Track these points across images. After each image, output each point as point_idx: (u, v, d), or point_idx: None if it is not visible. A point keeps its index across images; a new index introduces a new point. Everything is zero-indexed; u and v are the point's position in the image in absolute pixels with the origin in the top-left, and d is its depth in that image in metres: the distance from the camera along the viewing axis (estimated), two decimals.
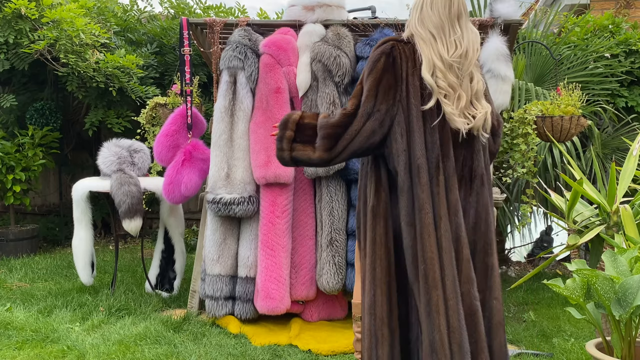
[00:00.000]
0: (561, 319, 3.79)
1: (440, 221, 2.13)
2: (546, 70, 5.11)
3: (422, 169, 2.13)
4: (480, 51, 2.22)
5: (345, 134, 2.15)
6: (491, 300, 2.19)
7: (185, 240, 5.09)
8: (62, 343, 3.19)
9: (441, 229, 2.12)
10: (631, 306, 2.17)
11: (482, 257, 2.21)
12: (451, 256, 2.10)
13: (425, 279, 2.08)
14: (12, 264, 5.04)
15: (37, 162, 5.47)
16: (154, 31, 5.94)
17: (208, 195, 3.56)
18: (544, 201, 4.95)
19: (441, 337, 2.05)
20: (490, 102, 2.31)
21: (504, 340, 2.19)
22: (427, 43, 2.15)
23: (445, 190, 2.15)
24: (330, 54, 3.48)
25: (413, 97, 2.13)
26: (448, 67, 2.13)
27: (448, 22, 2.17)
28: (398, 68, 2.14)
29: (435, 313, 2.06)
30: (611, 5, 6.81)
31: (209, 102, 5.46)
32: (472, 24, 2.24)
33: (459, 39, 2.16)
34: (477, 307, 2.12)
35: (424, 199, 2.13)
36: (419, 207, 2.13)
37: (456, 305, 2.07)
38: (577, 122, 3.80)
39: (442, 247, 2.11)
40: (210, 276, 3.58)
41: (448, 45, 2.16)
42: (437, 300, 2.06)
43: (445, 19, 2.17)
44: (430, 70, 2.13)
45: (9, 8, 4.69)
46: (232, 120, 3.55)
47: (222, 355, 3.09)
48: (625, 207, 2.78)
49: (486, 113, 2.19)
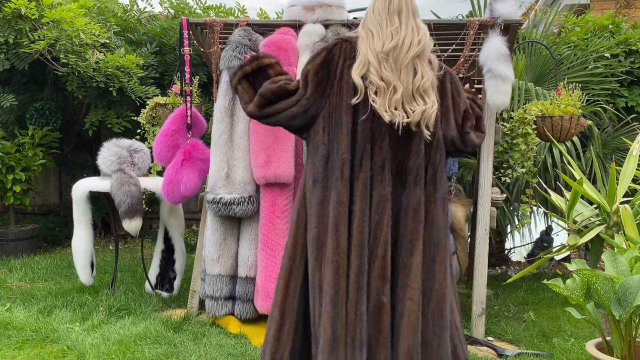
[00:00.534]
0: (561, 319, 3.79)
1: (355, 216, 2.16)
2: (546, 70, 5.11)
3: (345, 164, 2.18)
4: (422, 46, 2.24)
5: (276, 104, 2.29)
6: (405, 300, 2.15)
7: (185, 240, 5.09)
8: (62, 343, 3.19)
9: (354, 223, 2.15)
10: (631, 306, 2.17)
11: (404, 256, 2.19)
12: (361, 252, 2.13)
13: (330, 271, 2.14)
14: (12, 264, 5.04)
15: (37, 162, 5.47)
16: (154, 31, 5.94)
17: (208, 195, 3.56)
18: (544, 201, 4.95)
19: (336, 329, 2.11)
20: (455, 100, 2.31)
21: (414, 344, 2.13)
22: (364, 40, 2.23)
23: (368, 186, 2.18)
24: None
25: (345, 93, 2.21)
26: (383, 60, 2.19)
27: (387, 18, 2.24)
28: (334, 65, 2.24)
29: (333, 305, 2.11)
30: (611, 5, 6.82)
31: (209, 102, 5.46)
32: (420, 21, 2.29)
33: (395, 30, 2.22)
34: (384, 303, 2.13)
35: (344, 193, 2.18)
36: (338, 201, 2.17)
37: (356, 299, 2.11)
38: (577, 122, 3.80)
39: (352, 242, 2.15)
40: (210, 276, 3.58)
41: (384, 38, 2.21)
42: (337, 293, 2.12)
43: (384, 15, 2.24)
44: (363, 66, 2.19)
45: (9, 8, 4.69)
46: (232, 120, 3.55)
47: (222, 355, 3.09)
48: (625, 207, 2.78)
49: (427, 109, 2.19)
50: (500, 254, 5.40)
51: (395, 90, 2.18)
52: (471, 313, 3.49)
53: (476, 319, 3.44)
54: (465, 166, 5.13)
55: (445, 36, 3.59)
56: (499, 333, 3.52)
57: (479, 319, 3.44)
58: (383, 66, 2.18)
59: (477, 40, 3.42)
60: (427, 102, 2.21)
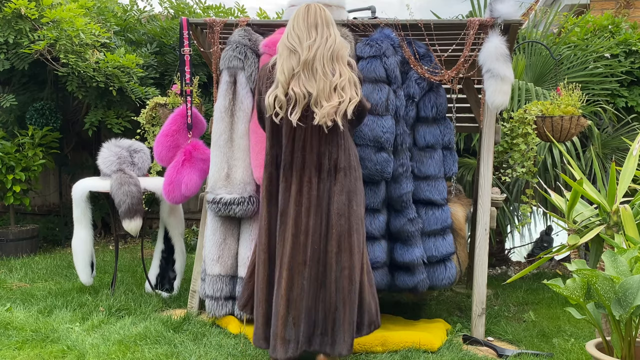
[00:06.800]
0: (561, 319, 3.79)
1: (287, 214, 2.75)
2: (546, 70, 5.11)
3: (278, 166, 2.82)
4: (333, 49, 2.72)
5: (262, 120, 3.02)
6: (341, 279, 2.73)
7: (185, 240, 5.09)
8: (62, 343, 3.19)
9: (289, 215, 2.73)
10: (631, 306, 2.18)
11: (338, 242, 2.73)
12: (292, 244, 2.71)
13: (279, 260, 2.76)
14: (12, 264, 5.04)
15: (37, 162, 5.47)
16: (153, 31, 5.94)
17: (208, 196, 3.56)
18: (544, 201, 4.95)
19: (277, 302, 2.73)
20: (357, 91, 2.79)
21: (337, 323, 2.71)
22: (281, 58, 2.75)
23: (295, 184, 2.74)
24: None
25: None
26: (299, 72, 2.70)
27: (306, 32, 2.73)
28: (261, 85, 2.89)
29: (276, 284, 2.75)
30: (611, 5, 6.82)
31: (209, 102, 5.46)
32: (334, 29, 2.77)
33: (312, 42, 2.71)
34: (303, 286, 2.71)
35: (280, 192, 2.79)
36: (275, 201, 2.83)
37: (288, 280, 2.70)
38: (577, 122, 3.80)
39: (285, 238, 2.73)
40: (210, 276, 3.58)
41: (302, 51, 2.70)
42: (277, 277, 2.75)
43: (304, 30, 2.74)
44: (275, 87, 2.74)
45: (9, 8, 4.69)
46: (232, 120, 3.55)
47: (222, 355, 3.09)
48: (625, 207, 2.79)
49: (340, 103, 2.69)
50: (500, 254, 5.40)
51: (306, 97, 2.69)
52: (471, 313, 3.49)
53: (476, 319, 3.44)
54: (465, 166, 5.13)
55: (445, 36, 3.59)
56: (499, 333, 3.52)
57: (479, 319, 3.44)
58: (300, 76, 2.70)
59: (477, 40, 3.41)
60: (344, 97, 2.70)
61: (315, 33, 2.72)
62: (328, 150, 2.73)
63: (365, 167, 3.25)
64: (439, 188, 3.51)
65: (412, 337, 3.21)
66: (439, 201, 3.50)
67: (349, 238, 2.74)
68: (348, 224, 2.74)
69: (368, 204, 3.32)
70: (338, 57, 2.73)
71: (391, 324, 3.54)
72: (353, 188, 2.78)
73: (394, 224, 3.43)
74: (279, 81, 2.71)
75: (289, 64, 2.71)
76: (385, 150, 3.30)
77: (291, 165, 2.76)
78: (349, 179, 2.76)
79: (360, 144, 3.27)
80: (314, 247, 2.73)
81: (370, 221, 3.34)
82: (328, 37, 2.73)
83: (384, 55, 3.36)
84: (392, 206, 3.44)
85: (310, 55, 2.69)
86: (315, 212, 2.73)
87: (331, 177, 2.74)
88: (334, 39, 2.74)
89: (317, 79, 2.68)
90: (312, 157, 2.73)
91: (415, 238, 3.40)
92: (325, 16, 2.77)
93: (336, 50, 2.73)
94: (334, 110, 2.67)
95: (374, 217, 3.37)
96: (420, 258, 3.39)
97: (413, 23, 3.46)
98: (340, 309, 2.71)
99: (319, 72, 2.68)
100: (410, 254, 3.38)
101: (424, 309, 4.05)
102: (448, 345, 3.25)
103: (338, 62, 2.73)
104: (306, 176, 2.73)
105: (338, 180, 2.74)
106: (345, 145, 2.78)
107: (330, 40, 2.72)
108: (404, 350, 3.14)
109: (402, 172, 3.39)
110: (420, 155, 3.51)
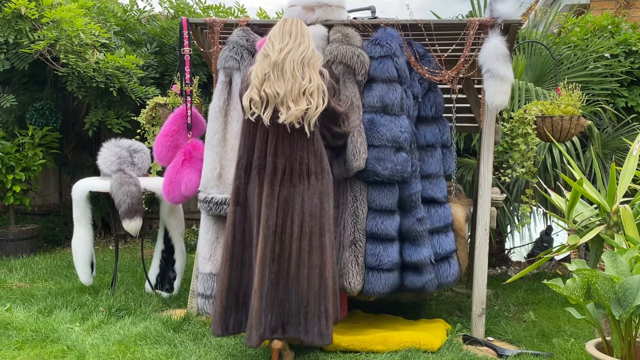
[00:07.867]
0: (561, 319, 3.79)
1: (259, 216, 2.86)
2: (546, 70, 5.11)
3: (251, 167, 2.94)
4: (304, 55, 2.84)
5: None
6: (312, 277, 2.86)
7: (185, 240, 5.09)
8: (62, 343, 3.19)
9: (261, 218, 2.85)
10: (631, 306, 2.18)
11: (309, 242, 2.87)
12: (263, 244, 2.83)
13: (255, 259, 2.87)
14: (12, 264, 5.04)
15: (37, 162, 5.47)
16: (153, 31, 5.94)
17: (200, 194, 3.55)
18: (544, 201, 4.95)
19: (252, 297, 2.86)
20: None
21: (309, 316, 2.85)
22: (256, 64, 2.89)
23: (267, 186, 2.85)
24: (353, 53, 3.35)
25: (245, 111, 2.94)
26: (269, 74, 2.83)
27: (280, 37, 2.88)
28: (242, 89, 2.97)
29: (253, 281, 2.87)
30: (611, 5, 6.82)
31: (209, 102, 5.43)
32: (309, 39, 2.91)
33: (285, 45, 2.85)
34: (272, 281, 2.85)
35: (253, 194, 2.91)
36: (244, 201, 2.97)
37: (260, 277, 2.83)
38: (577, 122, 3.80)
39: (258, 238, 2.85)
40: (202, 274, 3.56)
41: (274, 53, 2.84)
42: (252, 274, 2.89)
43: (279, 36, 2.89)
44: (250, 90, 2.87)
45: (9, 8, 4.69)
46: (226, 120, 3.54)
47: (222, 355, 3.09)
48: (625, 207, 2.79)
49: (308, 108, 2.81)
50: (500, 254, 5.40)
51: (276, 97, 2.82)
52: (471, 313, 3.49)
53: (476, 319, 3.44)
54: (465, 166, 5.13)
55: (445, 36, 3.59)
56: (499, 333, 3.52)
57: (479, 319, 3.44)
58: (271, 79, 2.83)
59: (477, 40, 3.41)
60: (312, 103, 2.82)
61: (289, 38, 2.87)
62: (299, 155, 2.87)
63: (386, 167, 3.23)
64: (440, 186, 3.51)
65: (412, 337, 3.21)
66: (441, 199, 3.50)
67: (320, 238, 2.89)
68: (319, 225, 2.89)
69: (386, 206, 3.30)
70: (310, 64, 2.86)
71: (391, 323, 3.54)
72: (325, 190, 2.93)
73: (403, 224, 3.39)
74: (253, 84, 2.86)
75: (261, 67, 2.86)
76: (404, 150, 3.29)
77: (264, 168, 2.89)
78: (321, 182, 2.91)
79: (379, 145, 3.25)
80: (283, 246, 2.87)
81: (389, 223, 3.31)
82: (301, 43, 2.87)
83: (394, 55, 3.34)
84: (401, 206, 3.41)
85: (280, 57, 2.83)
86: (285, 214, 2.87)
87: (303, 181, 2.87)
88: (307, 46, 2.88)
89: (285, 79, 2.81)
90: (283, 162, 2.86)
91: (424, 238, 3.39)
92: (302, 27, 2.92)
93: (308, 57, 2.87)
94: (301, 115, 2.81)
95: (392, 218, 3.33)
96: (429, 258, 3.38)
97: (413, 23, 3.45)
98: (311, 304, 2.86)
99: (287, 74, 2.81)
100: (419, 254, 3.36)
101: (424, 309, 4.05)
102: (448, 345, 3.25)
103: (309, 68, 2.86)
104: (277, 180, 2.87)
105: (310, 183, 2.88)
106: (315, 150, 2.91)
107: (303, 46, 2.86)
108: (404, 350, 3.14)
109: (411, 172, 3.37)
110: (421, 154, 3.50)
